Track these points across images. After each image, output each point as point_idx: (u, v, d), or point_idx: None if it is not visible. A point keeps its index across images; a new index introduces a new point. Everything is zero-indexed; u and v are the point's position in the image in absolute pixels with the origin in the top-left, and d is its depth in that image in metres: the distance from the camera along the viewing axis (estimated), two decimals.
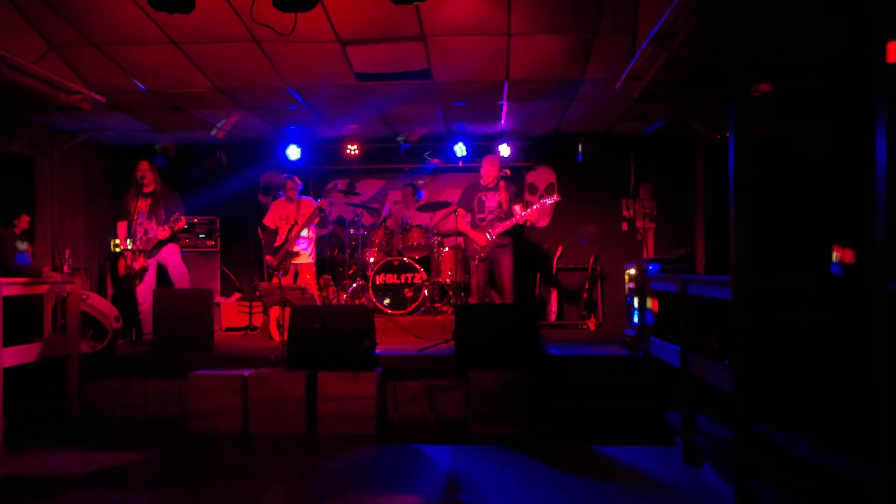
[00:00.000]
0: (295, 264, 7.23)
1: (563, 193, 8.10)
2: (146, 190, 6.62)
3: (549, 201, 6.63)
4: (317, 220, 7.42)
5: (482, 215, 6.65)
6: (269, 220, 7.42)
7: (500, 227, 6.54)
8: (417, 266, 7.32)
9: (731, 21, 3.47)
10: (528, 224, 6.72)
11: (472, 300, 6.94)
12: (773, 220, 4.30)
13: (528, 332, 5.33)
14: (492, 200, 6.64)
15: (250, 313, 7.73)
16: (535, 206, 6.68)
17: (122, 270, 6.63)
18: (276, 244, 7.25)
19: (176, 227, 6.42)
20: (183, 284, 6.65)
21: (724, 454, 4.01)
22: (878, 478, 2.44)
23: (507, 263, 6.58)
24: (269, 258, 7.26)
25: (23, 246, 5.89)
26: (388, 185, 9.12)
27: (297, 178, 7.44)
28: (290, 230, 7.18)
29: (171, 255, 6.64)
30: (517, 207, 6.66)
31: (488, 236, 6.51)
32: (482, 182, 6.75)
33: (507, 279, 6.58)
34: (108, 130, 7.99)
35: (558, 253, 8.58)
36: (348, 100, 6.85)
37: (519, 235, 6.91)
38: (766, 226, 3.89)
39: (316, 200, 7.39)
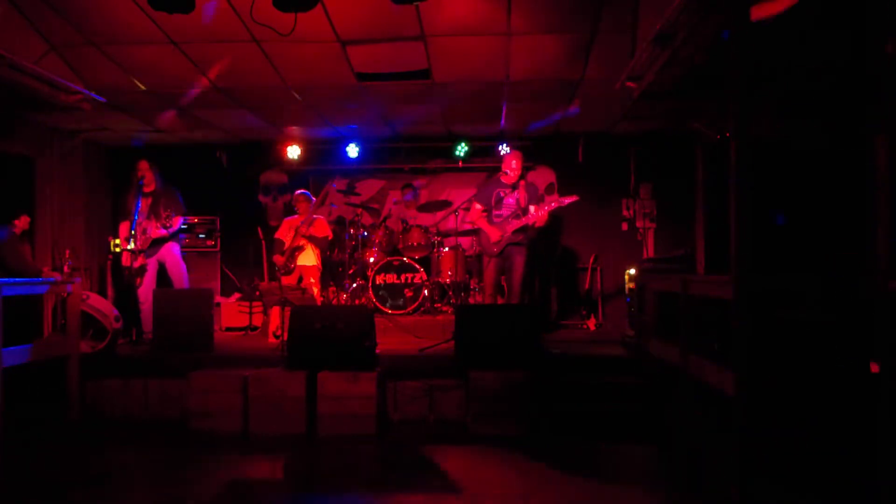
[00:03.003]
0: (300, 266, 7.17)
1: (563, 193, 8.10)
2: (146, 190, 6.62)
3: (567, 200, 6.57)
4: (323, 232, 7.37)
5: (499, 212, 6.57)
6: (280, 234, 7.34)
7: (516, 224, 6.50)
8: (417, 266, 7.32)
9: (731, 21, 3.47)
10: (540, 225, 6.65)
11: (481, 297, 6.92)
12: (774, 219, 4.30)
13: (528, 332, 5.33)
14: (511, 198, 6.57)
15: (250, 313, 7.73)
16: (552, 205, 6.61)
17: (122, 270, 6.63)
18: (285, 248, 7.23)
19: (168, 225, 6.39)
20: (181, 282, 6.65)
21: (724, 454, 4.00)
22: (878, 477, 2.44)
23: (518, 263, 6.51)
24: (277, 258, 7.20)
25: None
26: (388, 185, 9.12)
27: (309, 194, 7.39)
28: (296, 233, 7.13)
29: (169, 253, 6.64)
30: (532, 207, 6.60)
31: (503, 232, 6.47)
32: (503, 179, 6.65)
33: (516, 279, 6.52)
34: (108, 130, 8.00)
35: (558, 253, 8.58)
36: (348, 100, 6.85)
37: (532, 236, 6.85)
38: (766, 226, 3.89)
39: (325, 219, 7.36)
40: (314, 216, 7.28)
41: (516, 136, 8.50)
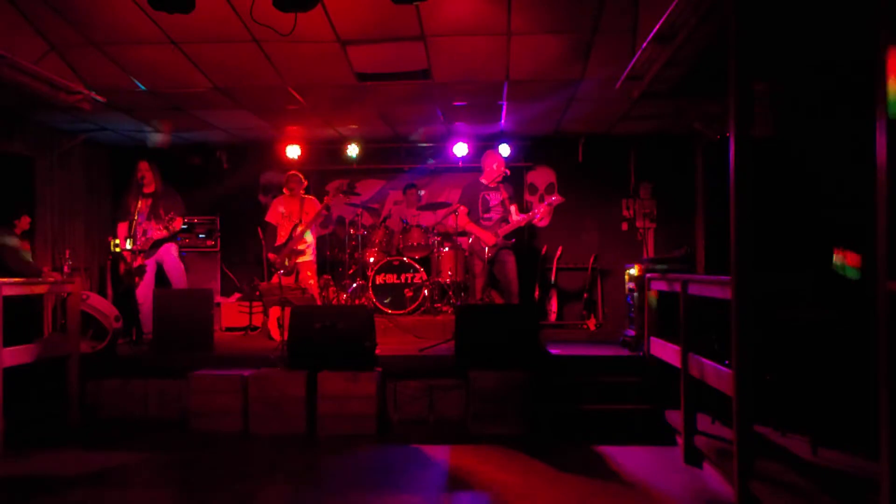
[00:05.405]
0: (296, 262, 7.15)
1: (563, 193, 8.11)
2: (146, 190, 6.62)
3: (550, 202, 6.57)
4: (320, 219, 7.33)
5: (487, 214, 6.60)
6: (270, 217, 7.24)
7: (507, 228, 6.52)
8: (417, 266, 7.32)
9: (731, 20, 3.46)
10: (537, 220, 6.72)
11: (472, 300, 6.92)
12: (774, 219, 4.30)
13: (529, 332, 5.33)
14: (495, 199, 6.60)
15: (250, 313, 7.73)
16: (540, 208, 6.64)
17: (122, 270, 6.63)
18: (278, 243, 7.15)
19: (171, 227, 6.40)
20: (180, 282, 6.64)
21: (724, 454, 4.00)
22: (879, 477, 2.44)
23: (511, 263, 6.54)
24: (272, 256, 7.14)
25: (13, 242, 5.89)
26: (388, 185, 9.12)
27: (302, 175, 7.36)
28: (293, 228, 7.07)
29: (167, 253, 6.64)
30: (513, 208, 6.66)
31: (496, 236, 6.47)
32: (483, 180, 6.68)
33: (512, 278, 6.54)
34: (108, 130, 8.00)
35: (558, 253, 8.58)
36: (348, 100, 6.85)
37: (521, 235, 6.89)
38: (766, 226, 3.89)
39: (320, 201, 7.25)
40: (304, 201, 7.20)
41: (516, 136, 8.50)
